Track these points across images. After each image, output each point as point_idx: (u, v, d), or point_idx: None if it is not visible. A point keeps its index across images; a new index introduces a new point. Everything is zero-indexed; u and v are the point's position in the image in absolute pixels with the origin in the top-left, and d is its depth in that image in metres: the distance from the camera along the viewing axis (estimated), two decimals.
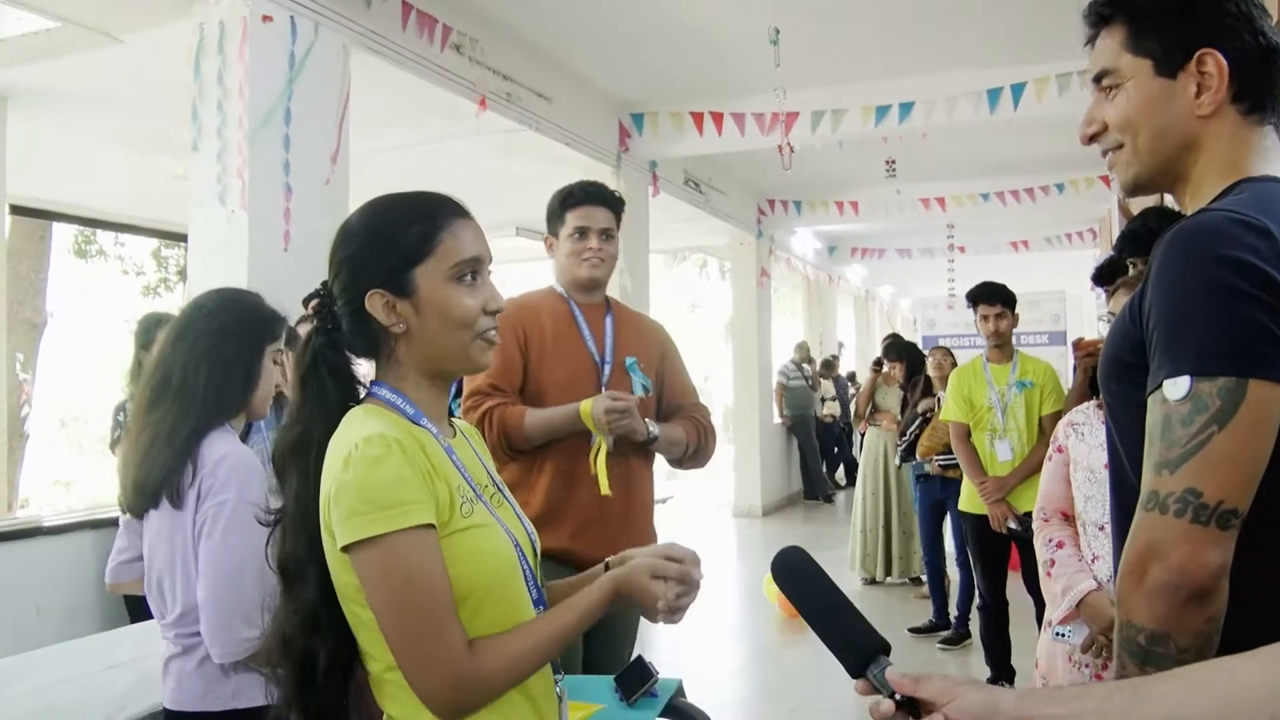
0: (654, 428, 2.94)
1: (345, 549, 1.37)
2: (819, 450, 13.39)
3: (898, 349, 7.43)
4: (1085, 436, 2.68)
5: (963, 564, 5.96)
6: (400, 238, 1.53)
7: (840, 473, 14.21)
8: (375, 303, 1.50)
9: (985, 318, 5.08)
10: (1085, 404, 2.89)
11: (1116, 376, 1.31)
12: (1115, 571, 1.27)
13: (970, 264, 13.28)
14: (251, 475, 2.10)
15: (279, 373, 2.31)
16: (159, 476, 2.10)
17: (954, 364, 6.23)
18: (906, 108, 7.36)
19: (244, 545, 2.02)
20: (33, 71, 5.57)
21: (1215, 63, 1.29)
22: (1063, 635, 2.57)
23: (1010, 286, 5.12)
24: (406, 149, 7.41)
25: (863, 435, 8.22)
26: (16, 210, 8.77)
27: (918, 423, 6.38)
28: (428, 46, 5.64)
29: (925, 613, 6.45)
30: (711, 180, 10.20)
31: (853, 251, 14.91)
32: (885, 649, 1.05)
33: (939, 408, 6.00)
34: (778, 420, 12.98)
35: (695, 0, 6.04)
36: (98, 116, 6.50)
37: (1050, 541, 2.66)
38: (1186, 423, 1.13)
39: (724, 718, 4.91)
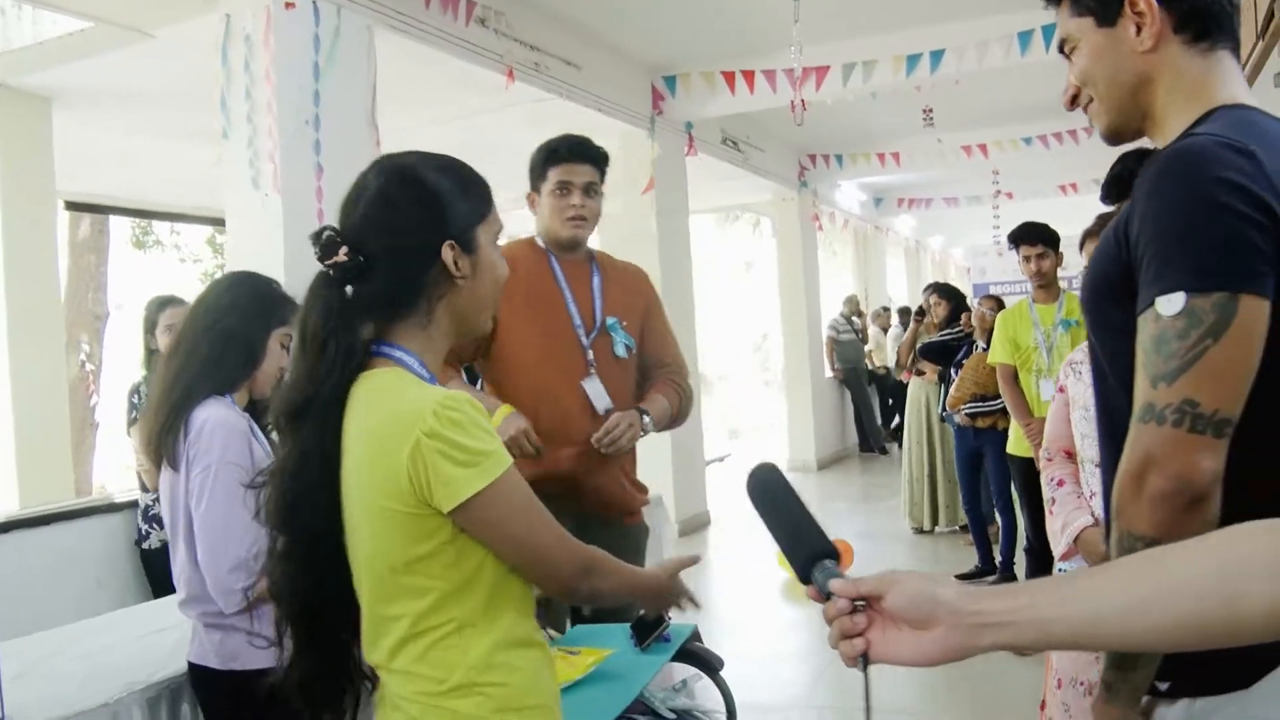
0: (648, 421, 2.90)
1: (465, 503, 1.42)
2: (874, 402, 13.39)
3: (943, 290, 7.41)
4: (1083, 375, 2.70)
5: (1004, 509, 5.99)
6: (469, 194, 1.59)
7: (896, 424, 14.17)
8: (449, 254, 1.52)
9: (1027, 258, 5.07)
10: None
11: (1105, 300, 1.34)
12: (1106, 499, 1.31)
13: (1018, 210, 13.09)
14: (231, 437, 2.20)
15: (284, 356, 2.35)
16: (156, 434, 2.25)
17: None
18: (937, 55, 7.30)
19: (231, 504, 2.12)
20: (72, 71, 5.76)
21: (1145, 2, 1.34)
22: (1064, 572, 2.61)
23: (1062, 229, 5.09)
24: (438, 124, 7.51)
25: (906, 385, 8.23)
26: (71, 206, 9.05)
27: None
28: (452, 22, 5.71)
29: (974, 560, 6.49)
30: (749, 138, 10.19)
31: (899, 202, 14.80)
32: (830, 554, 1.09)
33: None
34: (829, 374, 12.99)
35: None
36: (137, 110, 6.68)
37: (1052, 480, 2.70)
38: (1182, 336, 1.17)
39: (757, 671, 5.03)
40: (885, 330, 13.87)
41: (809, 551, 1.10)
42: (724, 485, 11.17)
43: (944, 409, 6.62)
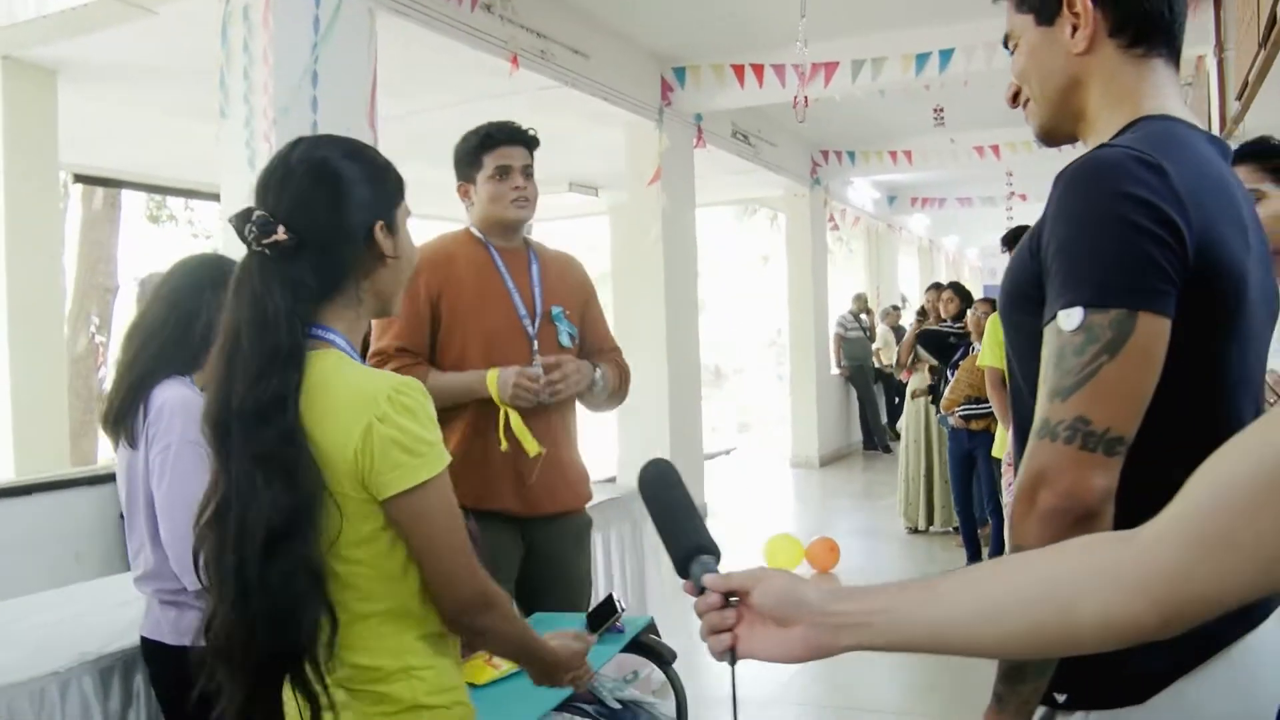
0: (599, 374, 2.93)
1: (400, 494, 1.42)
2: (880, 400, 13.38)
3: (956, 287, 7.43)
4: None
5: (994, 511, 5.99)
6: (389, 178, 1.61)
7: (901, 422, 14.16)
8: (381, 233, 1.55)
9: None
10: None
11: (1017, 308, 1.33)
12: None
13: (1032, 211, 12.94)
14: (191, 417, 2.21)
15: None
16: (115, 413, 2.27)
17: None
18: (946, 55, 7.28)
19: (192, 482, 2.10)
20: (77, 45, 5.79)
21: (1082, 1, 1.33)
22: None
23: None
24: (441, 109, 7.51)
25: (905, 384, 8.23)
26: (81, 179, 9.11)
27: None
28: (457, 7, 5.70)
29: (964, 560, 6.49)
30: (761, 132, 10.17)
31: (913, 201, 14.77)
32: (709, 550, 1.10)
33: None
34: (835, 371, 12.98)
35: None
36: (142, 86, 6.71)
37: (1010, 486, 2.70)
38: (1079, 352, 1.17)
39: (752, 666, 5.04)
40: (894, 329, 13.85)
41: (688, 546, 1.11)
42: (727, 479, 11.20)
43: (939, 411, 6.62)
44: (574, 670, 1.74)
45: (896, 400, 13.61)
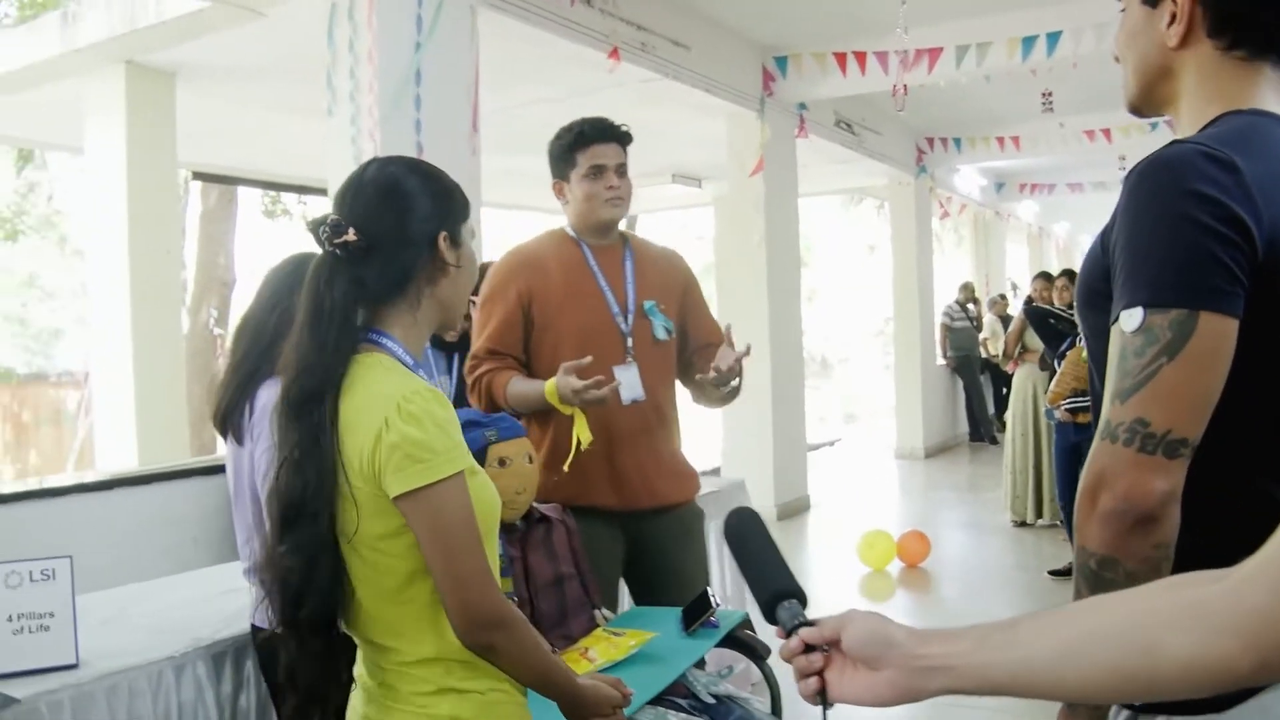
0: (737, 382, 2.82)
1: (402, 496, 1.48)
2: (988, 391, 13.13)
3: (1066, 273, 7.25)
4: None
5: None
6: (456, 195, 1.69)
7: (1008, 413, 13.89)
8: (444, 243, 1.62)
9: None
10: None
11: (1090, 305, 1.32)
12: None
13: None
14: None
15: None
16: (223, 410, 2.35)
17: None
18: (1054, 38, 7.08)
19: None
20: (194, 48, 6.01)
21: None
22: None
23: None
24: (545, 103, 7.58)
25: (1012, 375, 8.06)
26: (199, 176, 9.43)
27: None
28: (557, 1, 5.75)
29: (1069, 556, 6.34)
30: (865, 120, 10.04)
31: (1021, 187, 14.44)
32: (795, 595, 1.10)
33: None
34: (941, 361, 12.78)
35: None
36: (254, 86, 6.93)
37: None
38: (1139, 353, 1.15)
39: None
40: (1001, 318, 13.57)
41: (773, 590, 1.11)
42: (830, 470, 11.12)
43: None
44: (600, 716, 1.70)
45: (1004, 391, 13.33)
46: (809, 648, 1.03)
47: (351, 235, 1.57)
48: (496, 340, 2.85)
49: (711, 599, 2.52)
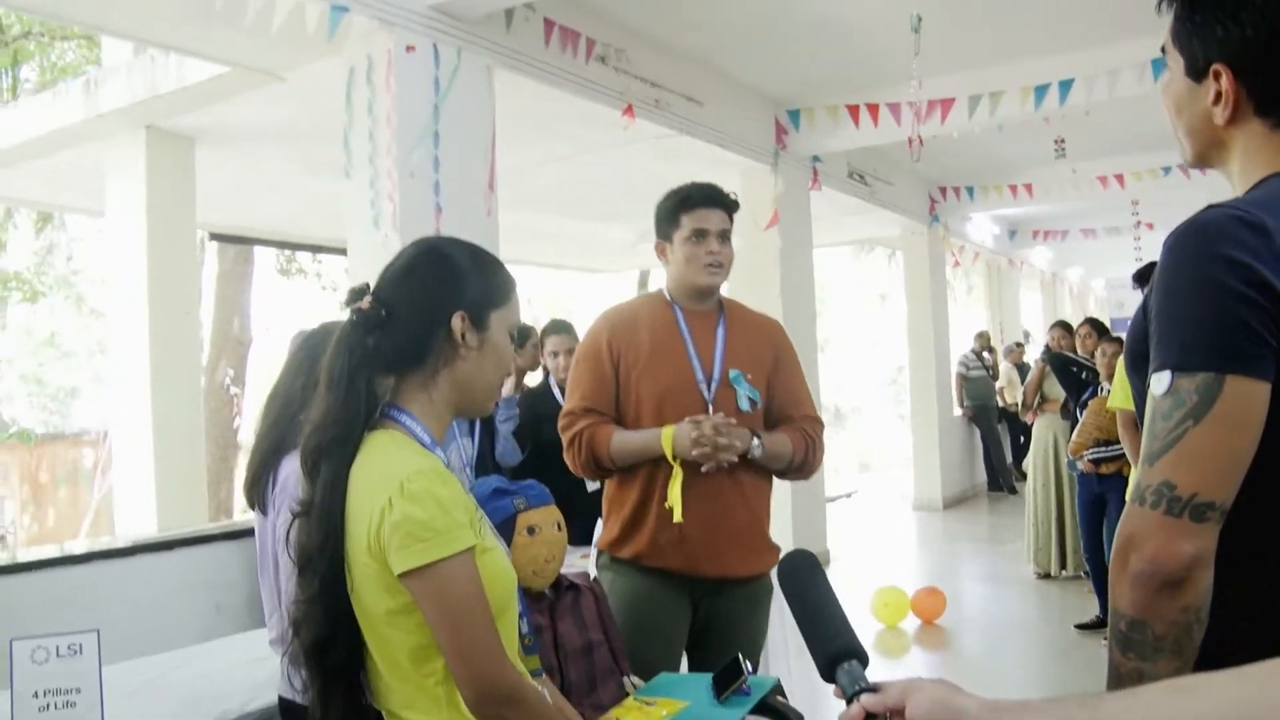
0: (756, 443, 2.81)
1: (405, 574, 1.49)
2: (1005, 440, 13.06)
3: (1094, 323, 7.22)
4: None
5: None
6: (493, 277, 1.70)
7: (1027, 462, 13.80)
8: (458, 323, 1.64)
9: None
10: None
11: (1135, 369, 1.33)
12: None
13: (1161, 240, 12.60)
14: None
15: None
16: (250, 480, 2.35)
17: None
18: (1066, 85, 7.10)
19: None
20: (213, 113, 6.10)
21: (1227, 79, 1.30)
22: None
23: None
24: (561, 160, 7.64)
25: (1031, 425, 8.02)
26: (216, 237, 9.50)
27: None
28: (572, 60, 5.80)
29: (1095, 609, 6.26)
30: (877, 171, 10.07)
31: (1034, 234, 14.43)
32: (854, 655, 1.07)
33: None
34: (958, 411, 12.72)
35: None
36: (273, 147, 7.01)
37: None
38: (1166, 417, 1.16)
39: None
40: (1017, 366, 13.54)
41: (835, 650, 1.08)
42: (849, 522, 11.03)
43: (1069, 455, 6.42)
44: None
45: (1021, 440, 13.28)
46: (870, 716, 1.00)
47: (366, 303, 1.62)
48: (591, 398, 2.86)
49: (744, 665, 2.48)
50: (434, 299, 1.64)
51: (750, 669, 2.48)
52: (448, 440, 4.34)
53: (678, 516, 2.74)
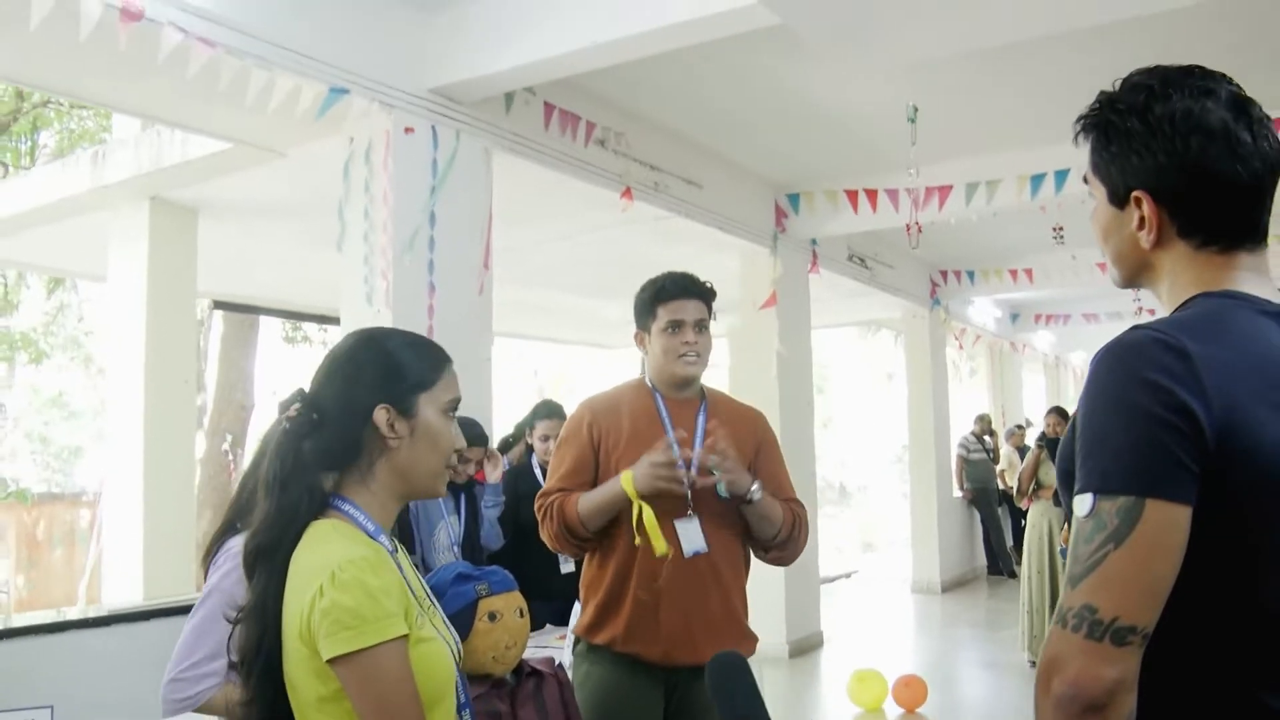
0: (755, 487, 2.80)
1: (332, 660, 1.51)
2: (1006, 524, 12.99)
3: (1058, 412, 7.25)
4: None
5: None
6: (415, 364, 1.72)
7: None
8: (381, 416, 1.66)
9: None
10: None
11: (1065, 485, 1.33)
12: None
13: None
14: (235, 568, 2.34)
15: None
16: (204, 555, 2.42)
17: None
18: (1062, 175, 7.19)
19: (202, 625, 2.32)
20: (216, 186, 6.22)
21: (1149, 205, 1.33)
22: None
23: None
24: (561, 239, 7.72)
25: (1025, 512, 8.00)
26: (220, 305, 9.60)
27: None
28: (570, 143, 5.88)
29: None
30: (878, 255, 10.14)
31: (1036, 318, 14.49)
32: None
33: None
34: (958, 494, 12.67)
35: (833, 82, 6.08)
36: (274, 220, 7.12)
37: None
38: (1089, 540, 1.18)
39: None
40: (1019, 449, 13.50)
41: None
42: (845, 604, 10.94)
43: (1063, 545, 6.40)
44: None
45: (1021, 524, 13.19)
46: None
47: (293, 411, 1.66)
48: (570, 480, 2.91)
49: None
50: (355, 396, 1.66)
51: None
52: (434, 519, 4.37)
53: (660, 548, 2.73)
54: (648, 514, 2.76)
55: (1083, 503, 1.19)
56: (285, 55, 4.30)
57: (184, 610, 4.39)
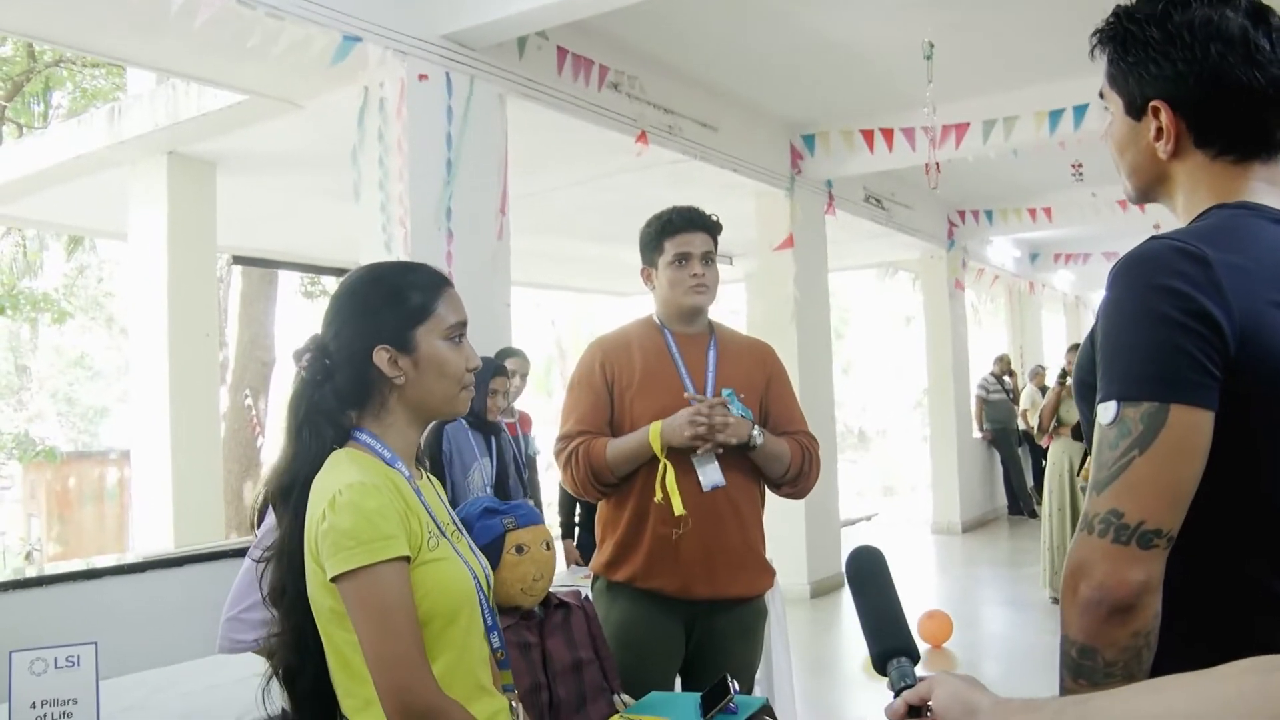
0: (757, 432, 2.83)
1: (334, 579, 1.58)
2: (1026, 463, 13.01)
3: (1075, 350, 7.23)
4: None
5: None
6: (405, 301, 1.75)
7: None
8: (381, 357, 1.71)
9: None
10: None
11: (1083, 398, 1.35)
12: None
13: None
14: None
15: None
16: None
17: None
18: (1080, 110, 7.11)
19: (249, 575, 2.39)
20: (233, 139, 6.23)
21: (1166, 114, 1.33)
22: None
23: None
24: (577, 185, 7.70)
25: (1046, 449, 8.00)
26: (239, 260, 9.64)
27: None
28: (584, 88, 5.87)
29: None
30: (895, 195, 10.09)
31: (1056, 257, 14.39)
32: (908, 653, 1.15)
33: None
34: (978, 435, 12.68)
35: (848, 20, 6.05)
36: (292, 173, 7.13)
37: None
38: (1113, 446, 1.19)
39: None
40: (1041, 389, 13.49)
41: (889, 645, 1.16)
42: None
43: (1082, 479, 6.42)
44: None
45: (1042, 463, 13.21)
46: (912, 709, 1.07)
47: (305, 361, 1.73)
48: (586, 421, 2.89)
49: (730, 684, 2.52)
50: (354, 342, 1.71)
51: (737, 688, 2.52)
52: (469, 462, 4.42)
53: (678, 509, 2.76)
54: (670, 473, 2.78)
55: (1106, 410, 1.20)
56: (297, 3, 4.30)
57: (213, 556, 4.49)
